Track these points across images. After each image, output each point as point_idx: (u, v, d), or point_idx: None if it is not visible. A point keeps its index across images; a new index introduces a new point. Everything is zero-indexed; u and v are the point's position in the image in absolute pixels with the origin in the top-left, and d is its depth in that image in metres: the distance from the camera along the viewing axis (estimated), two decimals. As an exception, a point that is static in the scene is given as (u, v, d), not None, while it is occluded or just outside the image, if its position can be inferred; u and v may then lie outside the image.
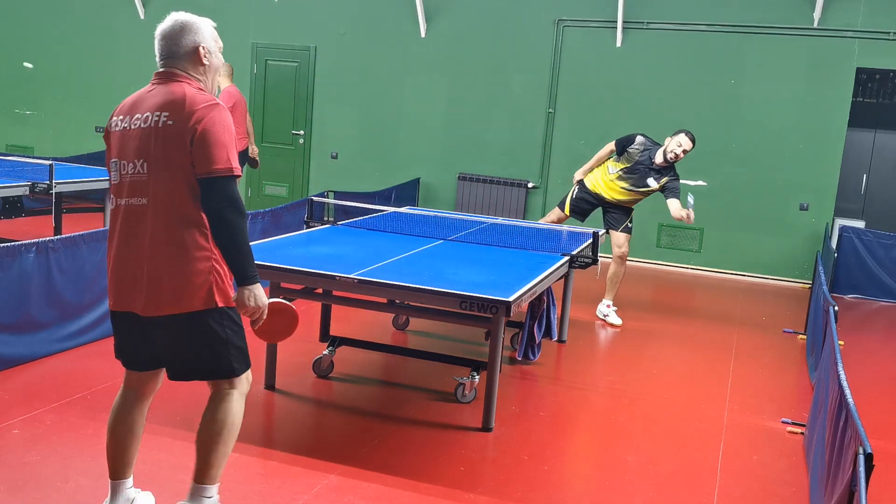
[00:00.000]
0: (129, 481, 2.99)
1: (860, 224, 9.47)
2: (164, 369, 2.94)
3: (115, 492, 2.95)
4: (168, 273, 2.69)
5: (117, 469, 2.95)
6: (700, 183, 9.41)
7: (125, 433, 2.93)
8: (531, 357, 5.27)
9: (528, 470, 3.78)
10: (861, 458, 2.44)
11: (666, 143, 6.37)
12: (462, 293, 3.86)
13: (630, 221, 6.66)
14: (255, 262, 2.80)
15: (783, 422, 4.64)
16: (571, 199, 6.76)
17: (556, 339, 5.51)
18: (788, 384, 5.44)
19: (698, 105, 9.31)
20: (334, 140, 10.79)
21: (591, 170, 6.69)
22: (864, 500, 2.32)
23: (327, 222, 5.77)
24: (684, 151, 6.30)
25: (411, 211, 6.74)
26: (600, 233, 5.51)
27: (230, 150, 2.67)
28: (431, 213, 6.68)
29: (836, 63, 8.84)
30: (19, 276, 4.43)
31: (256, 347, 3.45)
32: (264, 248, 4.55)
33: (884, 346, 6.66)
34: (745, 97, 9.17)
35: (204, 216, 2.70)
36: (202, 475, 2.84)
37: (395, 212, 6.42)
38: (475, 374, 4.59)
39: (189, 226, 2.70)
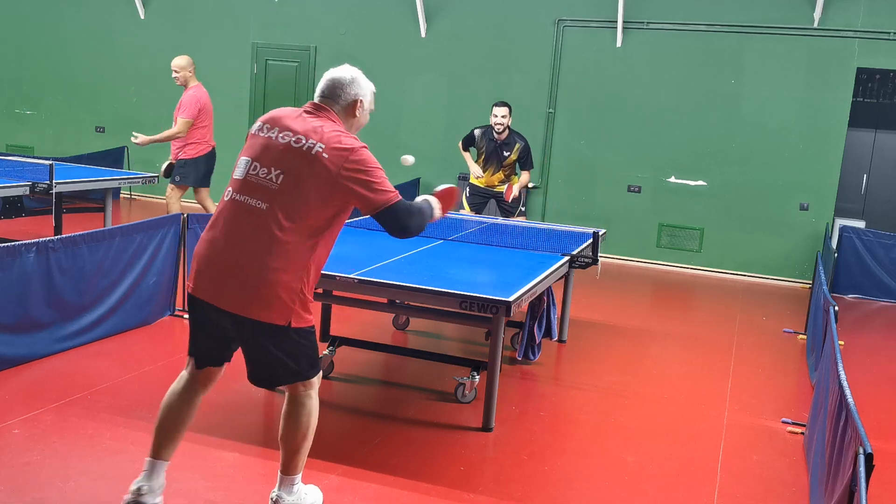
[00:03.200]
0: (167, 464, 3.02)
1: (860, 224, 9.46)
2: (225, 365, 3.05)
3: (153, 471, 2.98)
4: (264, 280, 2.80)
5: (162, 449, 2.99)
6: (700, 183, 9.44)
7: (177, 416, 2.99)
8: (531, 357, 5.27)
9: (528, 470, 3.78)
10: (861, 458, 2.44)
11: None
12: (462, 293, 3.86)
13: (523, 206, 7.43)
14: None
15: (783, 422, 4.64)
16: (467, 198, 7.45)
17: (556, 339, 5.51)
18: (788, 384, 5.44)
19: (698, 105, 9.31)
20: (334, 140, 10.77)
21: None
22: (864, 500, 2.32)
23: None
24: (503, 117, 7.06)
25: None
26: (601, 233, 5.52)
27: (385, 179, 2.98)
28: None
29: (837, 63, 8.84)
30: (19, 276, 4.42)
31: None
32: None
33: (884, 346, 6.66)
34: (745, 97, 9.17)
35: (319, 244, 2.89)
36: (291, 469, 3.05)
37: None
38: (475, 374, 4.59)
39: (305, 249, 2.85)
